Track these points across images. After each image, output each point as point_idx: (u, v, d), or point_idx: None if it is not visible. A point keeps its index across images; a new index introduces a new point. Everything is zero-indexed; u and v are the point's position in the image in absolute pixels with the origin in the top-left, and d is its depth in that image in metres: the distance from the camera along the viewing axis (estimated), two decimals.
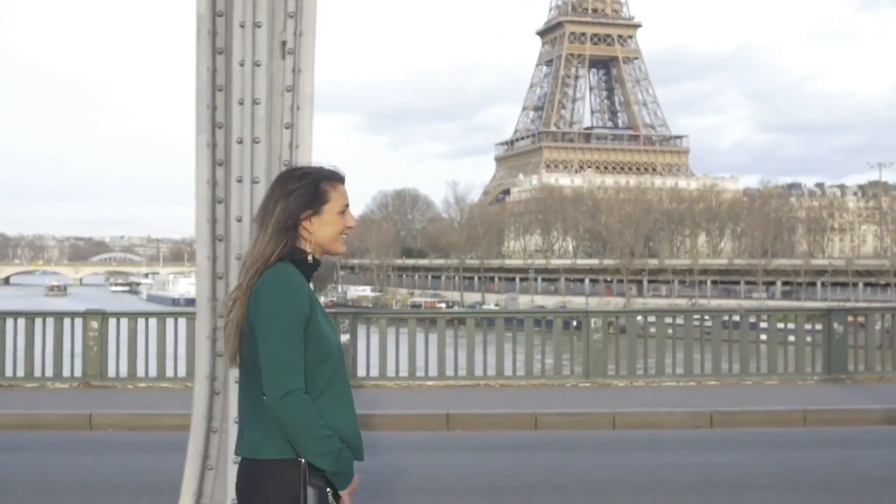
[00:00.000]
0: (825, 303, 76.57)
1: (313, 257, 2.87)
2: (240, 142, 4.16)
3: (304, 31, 4.26)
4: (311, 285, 2.88)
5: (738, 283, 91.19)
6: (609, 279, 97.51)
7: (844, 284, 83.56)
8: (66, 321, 12.70)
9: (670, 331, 13.44)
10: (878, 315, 13.79)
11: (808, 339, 12.96)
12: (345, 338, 12.22)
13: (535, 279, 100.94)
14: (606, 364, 12.42)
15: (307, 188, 2.84)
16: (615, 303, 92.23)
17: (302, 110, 4.25)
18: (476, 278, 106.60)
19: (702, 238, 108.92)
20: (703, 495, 7.20)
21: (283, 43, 4.27)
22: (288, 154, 4.25)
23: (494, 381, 12.30)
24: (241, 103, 4.15)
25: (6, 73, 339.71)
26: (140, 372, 12.52)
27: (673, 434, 10.23)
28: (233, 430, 4.05)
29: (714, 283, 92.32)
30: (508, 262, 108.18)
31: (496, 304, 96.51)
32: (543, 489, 7.44)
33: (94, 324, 12.42)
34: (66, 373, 12.50)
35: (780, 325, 13.09)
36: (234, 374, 3.73)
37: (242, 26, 4.05)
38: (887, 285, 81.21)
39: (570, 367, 12.84)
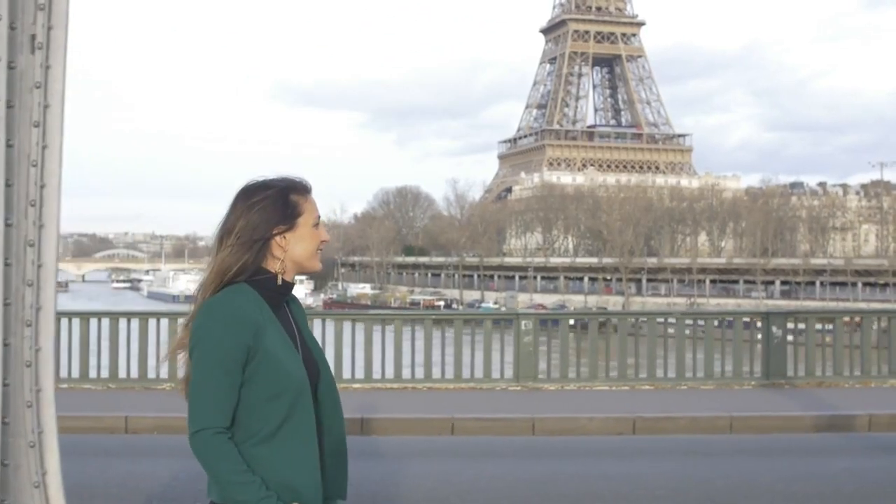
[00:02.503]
0: (803, 302, 76.21)
1: (282, 279, 2.58)
2: None
3: (55, 24, 3.98)
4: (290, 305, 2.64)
5: (736, 282, 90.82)
6: (608, 278, 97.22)
7: (843, 284, 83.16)
8: None
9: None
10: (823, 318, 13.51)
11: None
12: None
13: (535, 278, 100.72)
14: (537, 367, 12.16)
15: (274, 200, 2.57)
16: (614, 301, 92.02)
17: (52, 108, 3.96)
18: (476, 276, 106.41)
19: (702, 237, 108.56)
20: None
21: (33, 37, 3.98)
22: (36, 154, 3.97)
23: (421, 383, 12.05)
24: None
25: None
26: (63, 373, 12.32)
27: (592, 441, 9.97)
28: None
29: (713, 282, 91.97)
30: (508, 261, 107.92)
31: (495, 303, 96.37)
32: (454, 500, 7.20)
33: None
34: None
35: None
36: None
37: None
38: (886, 285, 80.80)
39: (500, 370, 12.56)
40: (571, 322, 13.40)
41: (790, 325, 12.60)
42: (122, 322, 12.60)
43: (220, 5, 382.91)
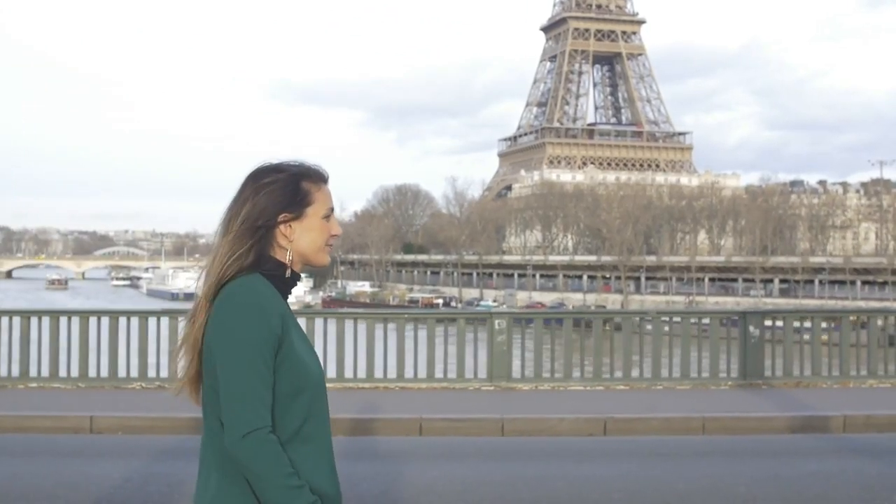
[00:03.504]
0: (790, 300, 76.01)
1: (291, 271, 2.41)
2: None
3: None
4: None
5: (735, 280, 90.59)
6: (607, 276, 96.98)
7: (842, 283, 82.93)
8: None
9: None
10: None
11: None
12: None
13: (534, 276, 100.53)
14: (510, 367, 11.98)
15: (284, 184, 2.39)
16: (613, 300, 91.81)
17: None
18: (475, 274, 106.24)
19: (702, 235, 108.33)
20: None
21: None
22: None
23: (393, 383, 11.88)
24: None
25: (14, 67, 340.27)
26: (33, 371, 12.18)
27: (561, 442, 9.81)
28: None
29: (712, 280, 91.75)
30: (507, 259, 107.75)
31: (494, 301, 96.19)
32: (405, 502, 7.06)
33: None
34: None
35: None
36: None
37: None
38: (885, 283, 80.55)
39: (473, 369, 12.39)
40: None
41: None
42: (93, 321, 12.45)
43: (219, 4, 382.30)
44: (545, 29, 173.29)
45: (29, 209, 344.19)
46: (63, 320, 12.42)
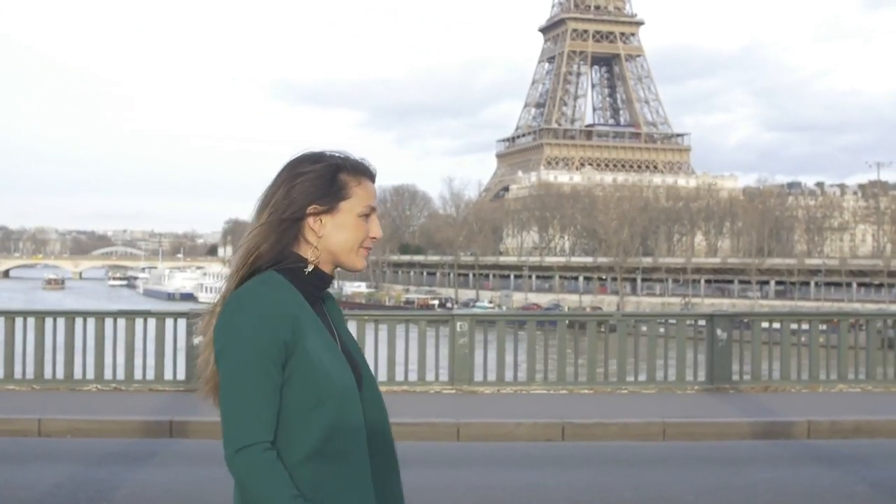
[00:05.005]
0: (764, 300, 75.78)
1: (316, 268, 2.17)
2: None
3: None
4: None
5: (731, 282, 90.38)
6: (603, 277, 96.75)
7: (838, 284, 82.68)
8: None
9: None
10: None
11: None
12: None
13: (530, 277, 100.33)
14: (472, 370, 11.75)
15: (320, 175, 2.15)
16: (609, 301, 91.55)
17: None
18: (471, 275, 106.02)
19: (699, 237, 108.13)
20: None
21: None
22: None
23: None
24: None
25: (13, 67, 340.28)
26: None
27: (516, 447, 9.58)
28: None
29: (708, 282, 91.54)
30: (503, 260, 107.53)
31: (490, 302, 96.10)
32: None
33: None
34: None
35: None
36: None
37: None
38: (881, 285, 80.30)
39: (434, 372, 12.17)
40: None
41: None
42: (49, 321, 12.23)
43: (220, 4, 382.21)
44: (543, 30, 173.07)
45: (28, 208, 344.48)
46: (19, 321, 12.19)
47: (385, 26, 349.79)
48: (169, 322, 12.23)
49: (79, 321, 12.12)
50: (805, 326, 12.53)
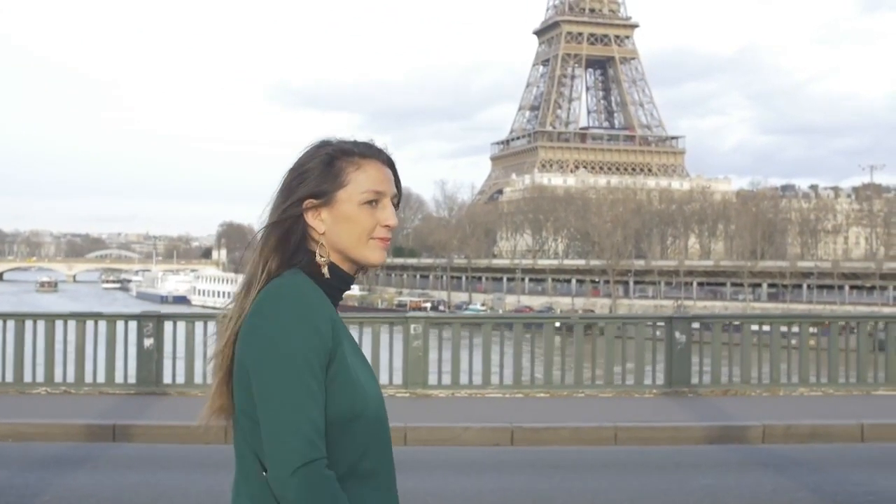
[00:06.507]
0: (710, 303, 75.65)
1: (333, 269, 1.95)
2: None
3: None
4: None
5: (724, 285, 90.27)
6: (596, 280, 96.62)
7: (830, 287, 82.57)
8: None
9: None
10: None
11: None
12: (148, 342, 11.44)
13: (523, 279, 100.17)
14: (426, 373, 11.56)
15: (317, 164, 1.94)
16: (601, 304, 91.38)
17: None
18: (464, 278, 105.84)
19: (693, 239, 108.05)
20: None
21: None
22: None
23: None
24: None
25: (10, 69, 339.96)
26: None
27: (463, 452, 9.38)
28: None
29: (700, 285, 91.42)
30: (496, 262, 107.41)
31: (483, 305, 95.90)
32: None
33: None
34: None
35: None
36: None
37: None
38: (873, 288, 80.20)
39: (388, 375, 11.96)
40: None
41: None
42: None
43: (217, 6, 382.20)
44: (538, 32, 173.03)
45: (23, 211, 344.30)
46: None
47: (381, 29, 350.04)
48: (120, 324, 12.06)
49: (29, 323, 11.94)
50: (766, 328, 12.36)
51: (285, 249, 1.93)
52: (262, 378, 1.79)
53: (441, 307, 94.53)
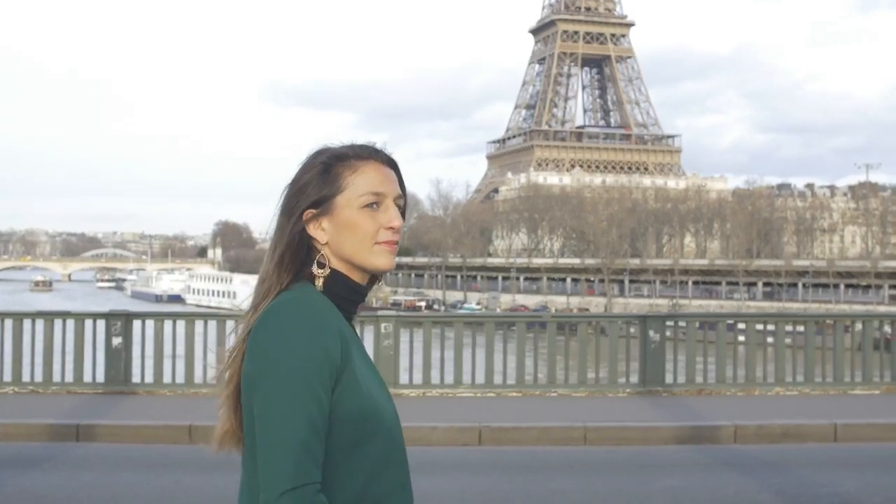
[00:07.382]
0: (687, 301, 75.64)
1: (341, 280, 1.85)
2: None
3: None
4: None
5: (719, 283, 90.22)
6: (591, 279, 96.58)
7: (826, 286, 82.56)
8: None
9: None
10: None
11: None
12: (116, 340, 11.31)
13: (518, 278, 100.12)
14: (397, 372, 11.43)
15: (318, 174, 1.85)
16: (596, 303, 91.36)
17: None
18: (459, 277, 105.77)
19: (688, 238, 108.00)
20: None
21: None
22: None
23: None
24: None
25: (8, 70, 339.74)
26: None
27: (429, 452, 9.25)
28: None
29: (695, 283, 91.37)
30: (491, 261, 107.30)
31: (478, 304, 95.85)
32: None
33: None
34: None
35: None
36: None
37: None
38: (868, 286, 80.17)
39: None
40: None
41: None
42: None
43: (211, 6, 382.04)
44: (534, 31, 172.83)
45: (18, 210, 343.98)
46: None
47: (376, 28, 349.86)
48: (88, 323, 11.92)
49: None
50: (741, 326, 12.24)
51: (293, 264, 1.84)
52: (259, 397, 1.70)
53: (436, 306, 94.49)
